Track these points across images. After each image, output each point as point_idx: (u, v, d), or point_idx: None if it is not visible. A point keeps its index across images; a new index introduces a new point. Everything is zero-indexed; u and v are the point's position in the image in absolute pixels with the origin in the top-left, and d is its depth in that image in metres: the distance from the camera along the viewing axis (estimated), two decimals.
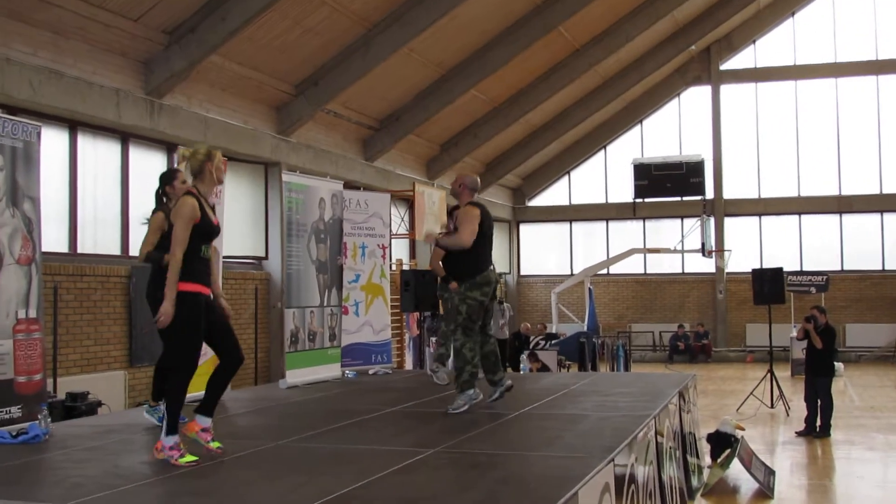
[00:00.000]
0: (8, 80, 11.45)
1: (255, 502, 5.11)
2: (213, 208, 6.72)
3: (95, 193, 13.69)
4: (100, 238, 13.75)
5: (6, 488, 5.59)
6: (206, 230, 6.47)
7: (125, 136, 14.11)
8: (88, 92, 12.78)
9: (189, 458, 6.19)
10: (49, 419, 7.51)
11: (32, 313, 7.83)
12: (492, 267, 8.91)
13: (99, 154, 13.82)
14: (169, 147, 14.48)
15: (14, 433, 7.20)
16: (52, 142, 12.66)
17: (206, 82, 15.25)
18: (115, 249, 13.95)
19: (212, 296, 6.70)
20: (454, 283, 11.29)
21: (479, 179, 9.11)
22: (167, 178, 8.00)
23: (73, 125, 13.19)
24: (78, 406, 10.43)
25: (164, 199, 7.94)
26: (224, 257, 11.50)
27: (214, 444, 6.49)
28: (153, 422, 7.91)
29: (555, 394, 9.99)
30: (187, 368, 6.45)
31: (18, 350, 7.64)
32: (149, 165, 14.38)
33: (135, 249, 13.75)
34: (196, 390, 8.82)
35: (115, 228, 14.03)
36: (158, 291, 6.50)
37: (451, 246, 8.68)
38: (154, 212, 7.92)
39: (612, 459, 6.06)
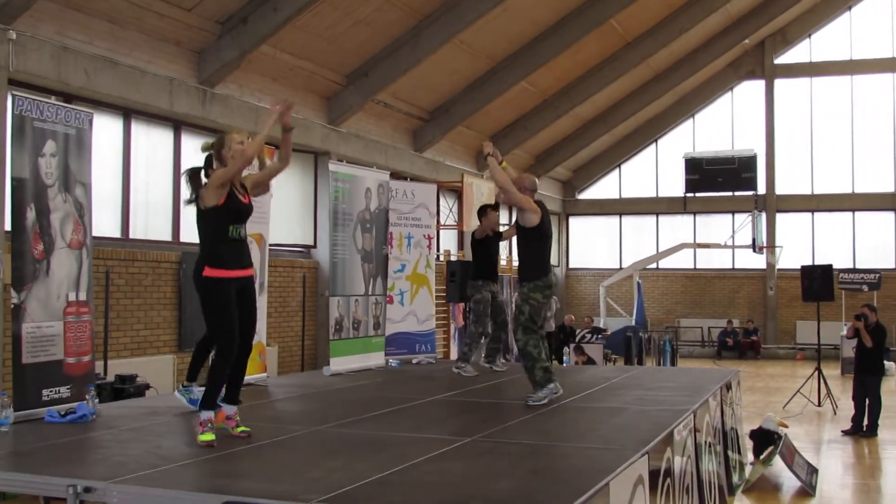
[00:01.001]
0: (64, 67, 11.68)
1: (291, 485, 5.21)
2: (243, 187, 6.82)
3: (148, 180, 13.91)
4: (151, 224, 13.97)
5: (53, 465, 5.76)
6: (234, 209, 6.60)
7: (178, 124, 14.33)
8: (142, 80, 13.00)
9: (206, 437, 6.33)
10: (97, 399, 7.69)
11: (82, 296, 8.03)
12: (553, 270, 9.00)
13: (152, 141, 14.04)
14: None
15: (62, 412, 7.40)
16: (107, 129, 12.89)
17: (258, 72, 15.42)
18: (167, 235, 14.17)
19: (248, 276, 6.77)
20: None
21: (537, 180, 9.15)
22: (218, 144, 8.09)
23: (128, 113, 13.42)
24: (126, 388, 10.62)
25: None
26: (273, 245, 11.68)
27: (239, 430, 6.68)
28: (184, 403, 8.02)
29: (596, 386, 10.02)
30: (226, 350, 6.59)
31: (68, 332, 7.84)
32: (201, 153, 14.55)
33: (186, 236, 14.01)
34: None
35: (166, 215, 14.24)
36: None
37: (503, 182, 8.66)
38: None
39: (647, 452, 6.09)
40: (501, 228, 11.83)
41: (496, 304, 11.45)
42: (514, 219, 10.75)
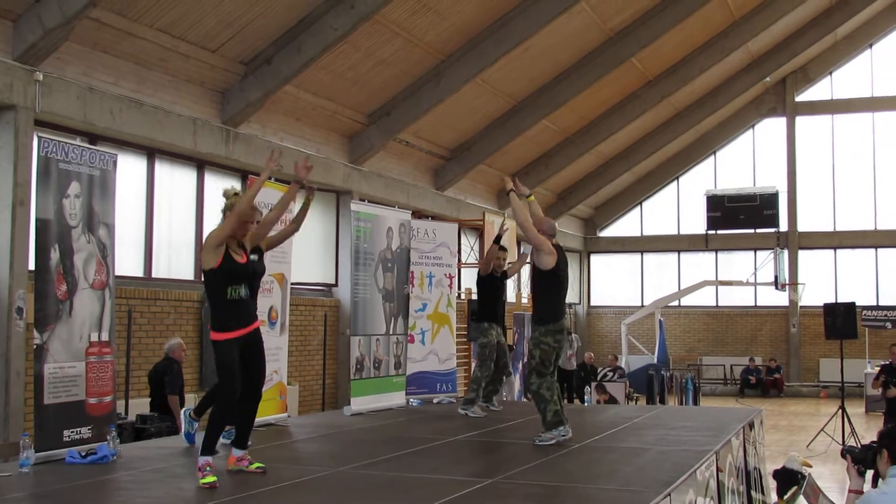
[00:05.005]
0: (90, 108, 11.80)
1: None
2: (241, 247, 6.83)
3: (171, 219, 14.01)
4: (174, 263, 14.05)
5: None
6: (228, 270, 6.64)
7: (201, 164, 14.43)
8: (167, 121, 13.12)
9: (208, 479, 6.31)
10: (118, 440, 7.71)
11: (105, 336, 8.05)
12: (566, 315, 8.96)
13: (175, 181, 14.15)
14: (243, 175, 14.74)
15: (83, 453, 7.40)
16: (131, 168, 13.00)
17: (281, 111, 15.55)
18: (189, 274, 14.24)
19: (252, 331, 6.83)
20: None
21: (556, 225, 9.15)
22: None
23: (152, 152, 13.53)
24: (147, 428, 10.63)
25: None
26: (294, 283, 11.69)
27: (254, 466, 6.82)
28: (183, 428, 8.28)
29: (617, 426, 9.96)
30: (224, 403, 6.72)
31: (90, 372, 7.85)
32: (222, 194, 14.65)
33: None
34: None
35: (188, 254, 14.32)
36: None
37: (522, 221, 8.64)
38: None
39: (669, 494, 6.05)
40: (507, 266, 11.76)
41: (500, 348, 11.34)
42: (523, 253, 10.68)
